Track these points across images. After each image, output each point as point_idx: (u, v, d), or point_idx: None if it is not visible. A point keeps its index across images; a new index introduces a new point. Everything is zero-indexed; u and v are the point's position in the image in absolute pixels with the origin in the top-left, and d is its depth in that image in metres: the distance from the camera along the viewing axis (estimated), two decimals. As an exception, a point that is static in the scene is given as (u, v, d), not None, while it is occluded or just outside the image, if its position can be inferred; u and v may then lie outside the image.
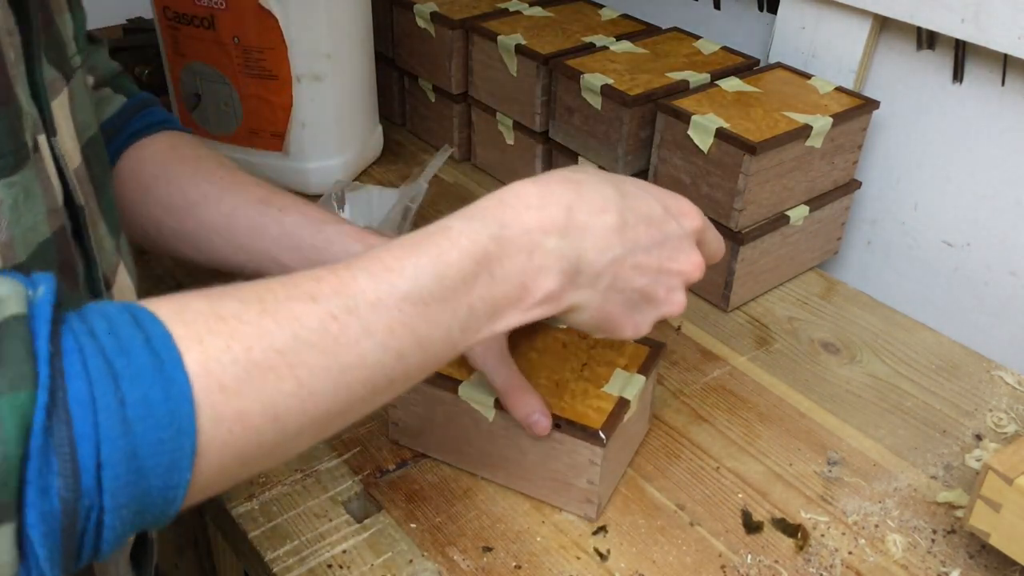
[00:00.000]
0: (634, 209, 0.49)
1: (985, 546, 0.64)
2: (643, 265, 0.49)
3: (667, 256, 0.50)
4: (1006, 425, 0.76)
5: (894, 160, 0.96)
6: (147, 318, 0.34)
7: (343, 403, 0.39)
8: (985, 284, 0.91)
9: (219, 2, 0.91)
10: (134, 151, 0.66)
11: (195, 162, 0.66)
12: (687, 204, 0.53)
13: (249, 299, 0.37)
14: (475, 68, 1.05)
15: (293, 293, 0.38)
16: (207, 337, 0.35)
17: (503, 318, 0.45)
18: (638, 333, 0.52)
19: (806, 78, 0.94)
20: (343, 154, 1.03)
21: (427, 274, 0.41)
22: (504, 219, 0.44)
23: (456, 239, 0.43)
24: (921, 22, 0.85)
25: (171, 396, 0.33)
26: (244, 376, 0.35)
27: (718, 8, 1.09)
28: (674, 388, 0.79)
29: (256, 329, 0.36)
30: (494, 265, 0.43)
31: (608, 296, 0.49)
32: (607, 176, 0.50)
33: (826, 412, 0.77)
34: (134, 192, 0.66)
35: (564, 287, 0.46)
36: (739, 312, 0.89)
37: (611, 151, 0.92)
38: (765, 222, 0.86)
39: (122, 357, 0.33)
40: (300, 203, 0.66)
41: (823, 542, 0.65)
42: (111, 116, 0.66)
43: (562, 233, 0.45)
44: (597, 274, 0.47)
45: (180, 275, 0.90)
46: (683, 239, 0.52)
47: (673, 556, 0.63)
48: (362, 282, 0.39)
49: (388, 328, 0.39)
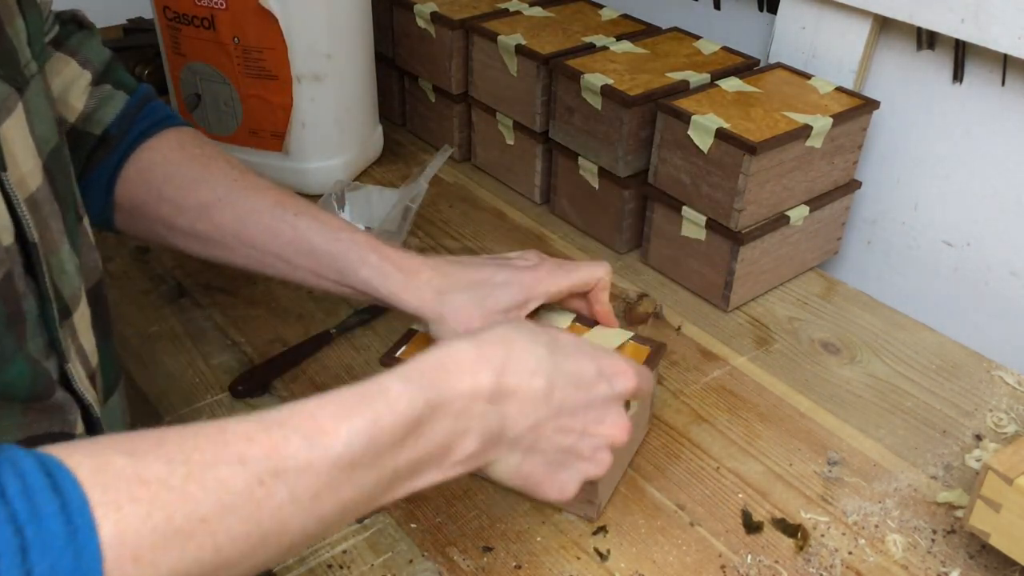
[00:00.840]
0: (564, 371, 0.50)
1: (985, 546, 0.64)
2: (567, 428, 0.50)
3: (592, 419, 0.51)
4: (1006, 425, 0.76)
5: (894, 160, 0.96)
6: (65, 481, 0.33)
7: (258, 563, 0.38)
8: (985, 284, 0.91)
9: (219, 2, 0.91)
10: (142, 152, 0.66)
11: (204, 162, 0.66)
12: (623, 363, 0.54)
13: (176, 460, 0.35)
14: (475, 68, 1.05)
15: (222, 455, 0.36)
16: (127, 505, 0.33)
17: (422, 476, 0.45)
18: (563, 493, 0.52)
19: (806, 78, 0.94)
20: (343, 154, 1.03)
21: (361, 439, 0.40)
22: (439, 384, 0.44)
23: (394, 403, 0.42)
24: (921, 22, 0.85)
25: (80, 567, 0.31)
26: (161, 545, 0.34)
27: (718, 8, 1.09)
28: (674, 388, 0.79)
29: (180, 496, 0.34)
30: (424, 428, 0.43)
31: (529, 456, 0.49)
32: (544, 335, 0.51)
33: (826, 412, 0.77)
34: (145, 194, 0.65)
35: (485, 448, 0.47)
36: (739, 312, 0.89)
37: (611, 151, 0.92)
38: (765, 222, 0.86)
39: (33, 523, 0.31)
40: (313, 208, 0.66)
41: (823, 542, 0.65)
42: (115, 118, 0.65)
43: (490, 399, 0.46)
44: (518, 436, 0.48)
45: (180, 275, 0.90)
46: (611, 401, 0.52)
47: (673, 556, 0.63)
48: (294, 445, 0.38)
49: (314, 493, 0.39)
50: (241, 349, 0.81)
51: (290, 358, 0.79)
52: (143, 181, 0.65)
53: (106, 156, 0.65)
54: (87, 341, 0.52)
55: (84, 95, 0.64)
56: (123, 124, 0.65)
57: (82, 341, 0.52)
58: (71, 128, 0.63)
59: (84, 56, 0.64)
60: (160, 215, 0.65)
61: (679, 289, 0.92)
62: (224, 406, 0.75)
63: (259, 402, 0.75)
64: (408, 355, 0.67)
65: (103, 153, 0.65)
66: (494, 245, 0.97)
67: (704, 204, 0.86)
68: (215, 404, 0.75)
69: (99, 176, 0.65)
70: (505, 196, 1.07)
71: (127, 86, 0.67)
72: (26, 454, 0.34)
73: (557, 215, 1.03)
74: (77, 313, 0.51)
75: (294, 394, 0.76)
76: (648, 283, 0.93)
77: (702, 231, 0.87)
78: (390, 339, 0.82)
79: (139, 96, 0.67)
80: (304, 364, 0.79)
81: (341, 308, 0.86)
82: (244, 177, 0.66)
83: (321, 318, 0.85)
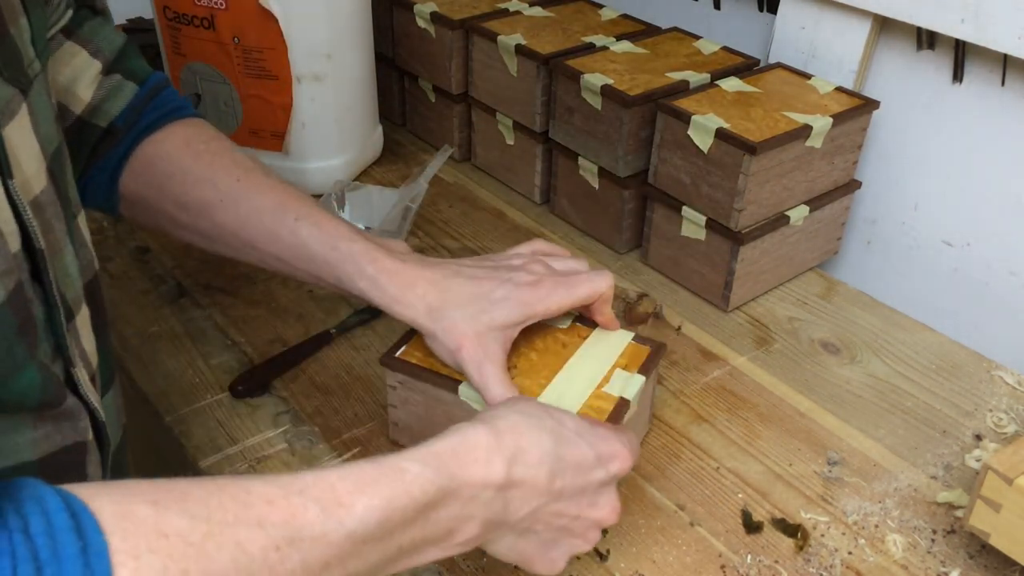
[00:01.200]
0: (566, 459, 0.52)
1: (985, 546, 0.64)
2: (563, 512, 0.52)
3: (587, 503, 0.53)
4: (1006, 425, 0.76)
5: (894, 160, 0.96)
6: (88, 524, 0.33)
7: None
8: (985, 284, 0.91)
9: (219, 2, 0.91)
10: (147, 146, 0.65)
11: (209, 159, 0.65)
12: (619, 446, 0.55)
13: (198, 515, 0.36)
14: (475, 68, 1.05)
15: (242, 516, 0.37)
16: (145, 555, 0.34)
17: (423, 554, 0.46)
18: (553, 569, 0.54)
19: (806, 78, 0.94)
20: (343, 154, 1.03)
21: (375, 516, 0.42)
22: (454, 471, 0.46)
23: (409, 486, 0.44)
24: (921, 22, 0.85)
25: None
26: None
27: (718, 8, 1.09)
28: (674, 388, 0.79)
29: (197, 552, 0.35)
30: (431, 511, 0.45)
31: (524, 536, 0.52)
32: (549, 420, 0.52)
33: (826, 412, 0.77)
34: (148, 189, 0.65)
35: (486, 532, 0.49)
36: (739, 312, 0.89)
37: (611, 151, 0.92)
38: (765, 222, 0.86)
39: (54, 564, 0.32)
40: (315, 211, 0.65)
41: (823, 542, 0.65)
42: (123, 111, 0.64)
43: (497, 489, 0.48)
44: (518, 521, 0.50)
45: (180, 275, 0.90)
46: (605, 485, 0.54)
47: (673, 556, 0.63)
48: (312, 514, 0.39)
49: (324, 563, 0.40)
50: (241, 349, 0.81)
51: (290, 358, 0.79)
52: (147, 176, 0.65)
53: (111, 148, 0.64)
54: (88, 342, 0.52)
55: (93, 86, 0.63)
56: (130, 117, 0.65)
57: (84, 343, 0.52)
58: (77, 119, 0.62)
59: (96, 45, 0.63)
60: (163, 210, 0.65)
61: (679, 289, 0.92)
62: (224, 406, 0.75)
63: (259, 402, 0.75)
64: (408, 355, 0.67)
65: (108, 145, 0.64)
66: (494, 245, 0.97)
67: (704, 204, 0.86)
68: (215, 404, 0.75)
69: (104, 167, 0.65)
70: (505, 196, 1.07)
71: (138, 76, 0.66)
72: (54, 492, 0.34)
73: (557, 215, 1.03)
74: (80, 315, 0.51)
75: (294, 394, 0.76)
76: (648, 283, 0.93)
77: (702, 231, 0.87)
78: (390, 339, 0.82)
79: (149, 86, 0.66)
80: (304, 364, 0.79)
81: (341, 308, 0.86)
82: (248, 176, 0.65)
83: (321, 318, 0.85)
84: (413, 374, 0.66)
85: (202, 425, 0.73)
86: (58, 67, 0.60)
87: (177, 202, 0.65)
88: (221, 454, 0.70)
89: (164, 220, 0.66)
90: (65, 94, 0.61)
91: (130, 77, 0.65)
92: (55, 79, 0.60)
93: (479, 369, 0.61)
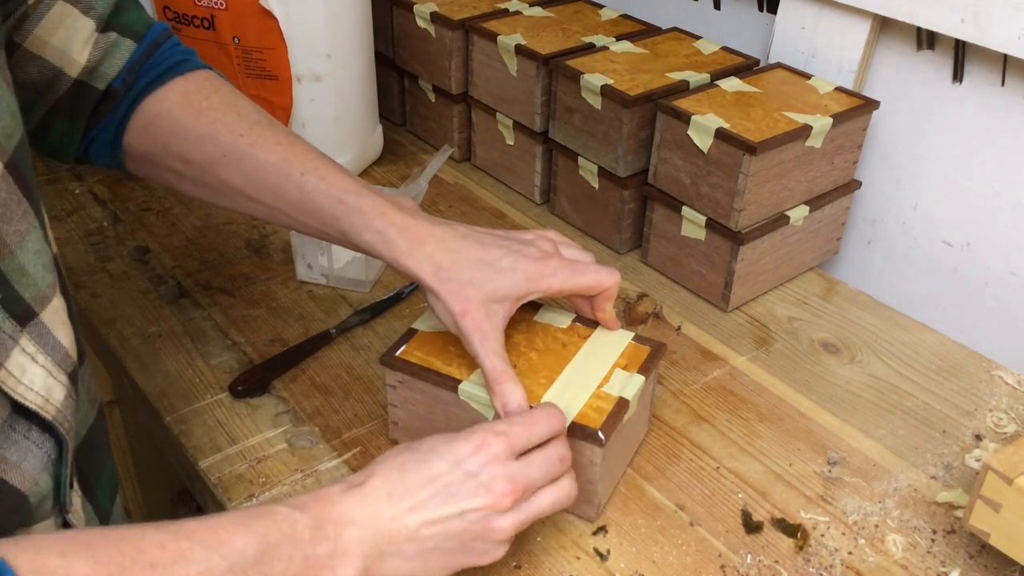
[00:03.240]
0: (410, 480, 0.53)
1: (985, 546, 0.64)
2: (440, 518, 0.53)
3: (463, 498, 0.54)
4: (1006, 425, 0.76)
5: (894, 160, 0.96)
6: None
7: None
8: (985, 284, 0.91)
9: (219, 2, 0.91)
10: (148, 105, 0.64)
11: (212, 116, 0.64)
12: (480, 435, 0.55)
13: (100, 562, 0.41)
14: (475, 68, 1.05)
15: (138, 559, 0.43)
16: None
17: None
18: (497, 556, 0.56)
19: (806, 78, 0.94)
20: (343, 154, 1.03)
21: (252, 549, 0.46)
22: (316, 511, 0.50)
23: (280, 523, 0.48)
24: (921, 22, 0.85)
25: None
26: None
27: (718, 8, 1.09)
28: (674, 388, 0.79)
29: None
30: (307, 547, 0.49)
31: (424, 557, 0.53)
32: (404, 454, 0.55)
33: (826, 412, 0.77)
34: (152, 145, 0.65)
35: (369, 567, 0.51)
36: (739, 312, 0.89)
37: (611, 151, 0.92)
38: (765, 222, 0.86)
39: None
40: (321, 164, 0.64)
41: (823, 542, 0.65)
42: (120, 71, 0.63)
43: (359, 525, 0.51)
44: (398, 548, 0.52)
45: (180, 275, 0.90)
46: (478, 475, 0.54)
47: (673, 556, 0.63)
48: (198, 553, 0.44)
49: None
50: (241, 349, 0.81)
51: (290, 358, 0.79)
52: (149, 134, 0.65)
53: (111, 110, 0.64)
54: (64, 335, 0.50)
55: (88, 46, 0.61)
56: (128, 77, 0.64)
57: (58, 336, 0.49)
58: (74, 82, 0.62)
59: (87, 3, 0.61)
60: (168, 166, 0.65)
61: (679, 289, 0.92)
62: (224, 406, 0.75)
63: (259, 402, 0.75)
64: (408, 355, 0.67)
65: (108, 107, 0.64)
66: (494, 245, 0.97)
67: (704, 204, 0.86)
68: (215, 404, 0.75)
69: (105, 128, 0.64)
70: (505, 196, 1.07)
71: (135, 31, 0.64)
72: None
73: (557, 215, 1.03)
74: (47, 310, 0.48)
75: (294, 394, 0.76)
76: (648, 283, 0.93)
77: (702, 231, 0.87)
78: (390, 339, 0.82)
79: (147, 42, 0.64)
80: (304, 364, 0.79)
81: (341, 308, 0.86)
82: (252, 131, 0.64)
83: (321, 318, 0.85)
84: (413, 374, 0.66)
85: (202, 425, 0.73)
86: (51, 29, 0.59)
87: (181, 159, 0.64)
88: (221, 454, 0.70)
89: (170, 175, 0.66)
90: (61, 57, 0.60)
91: (127, 34, 0.63)
92: (49, 42, 0.59)
93: (482, 338, 0.61)
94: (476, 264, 0.62)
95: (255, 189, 0.64)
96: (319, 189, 0.63)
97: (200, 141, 0.64)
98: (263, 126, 0.65)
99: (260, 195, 0.64)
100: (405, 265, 0.62)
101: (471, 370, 0.65)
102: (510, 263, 0.62)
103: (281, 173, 0.63)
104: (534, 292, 0.63)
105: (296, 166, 0.63)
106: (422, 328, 0.69)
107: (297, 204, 0.64)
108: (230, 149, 0.64)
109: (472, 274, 0.62)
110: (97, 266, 0.91)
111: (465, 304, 0.61)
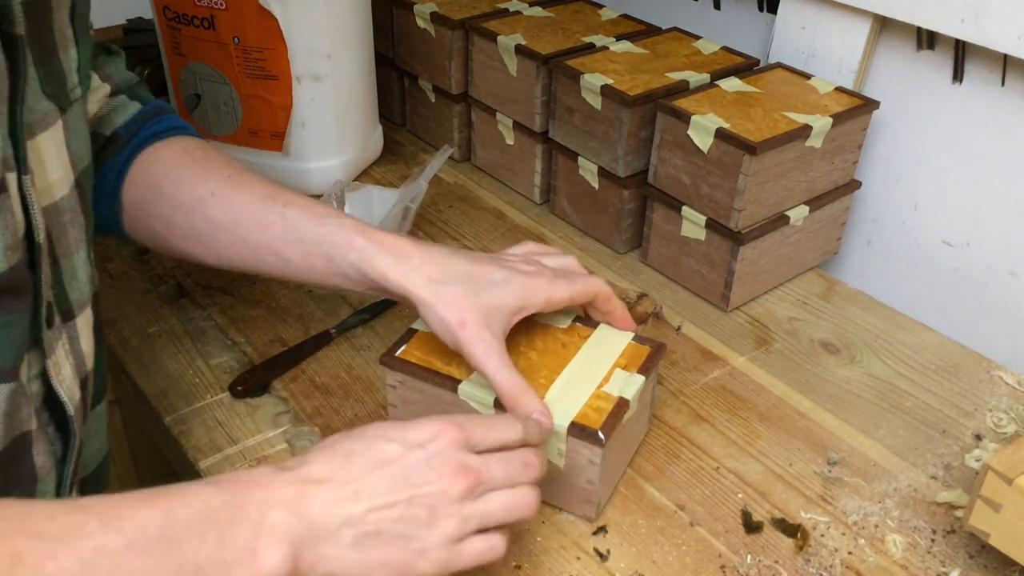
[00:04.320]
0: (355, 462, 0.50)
1: (985, 546, 0.64)
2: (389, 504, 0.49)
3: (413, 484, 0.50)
4: (1006, 425, 0.76)
5: (894, 160, 0.96)
6: None
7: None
8: (985, 284, 0.91)
9: (219, 2, 0.91)
10: (147, 154, 0.67)
11: (204, 162, 0.67)
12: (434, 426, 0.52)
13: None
14: (475, 68, 1.05)
15: (22, 529, 0.39)
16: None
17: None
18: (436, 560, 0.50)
19: (806, 78, 0.94)
20: (343, 154, 1.03)
21: (154, 526, 0.42)
22: (234, 489, 0.46)
23: (189, 498, 0.44)
24: (921, 22, 0.85)
25: None
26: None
27: (718, 8, 1.09)
28: (674, 388, 0.79)
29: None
30: (222, 528, 0.44)
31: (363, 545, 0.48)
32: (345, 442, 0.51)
33: (826, 412, 0.77)
34: (145, 192, 0.67)
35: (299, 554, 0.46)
36: (739, 312, 0.89)
37: (611, 151, 0.92)
38: (765, 222, 0.86)
39: None
40: (304, 199, 0.66)
41: (823, 542, 0.65)
42: (125, 122, 0.67)
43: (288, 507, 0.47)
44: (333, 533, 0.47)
45: (179, 275, 0.90)
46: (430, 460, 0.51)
47: (673, 556, 0.63)
48: (92, 526, 0.40)
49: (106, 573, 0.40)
50: (241, 349, 0.81)
51: (290, 358, 0.79)
52: (145, 180, 0.67)
53: (114, 156, 0.67)
54: (87, 344, 0.54)
55: (99, 103, 0.67)
56: (132, 126, 0.68)
57: (83, 344, 0.54)
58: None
59: (107, 73, 0.68)
60: (159, 212, 0.67)
61: (679, 289, 0.92)
62: (224, 406, 0.75)
63: (259, 402, 0.75)
64: (408, 355, 0.67)
65: (111, 153, 0.67)
66: (494, 245, 0.97)
67: (704, 204, 0.86)
68: (215, 404, 0.75)
69: (106, 176, 0.67)
70: (505, 196, 1.07)
71: (142, 99, 0.70)
72: None
73: (557, 215, 1.03)
74: (82, 316, 0.54)
75: (294, 394, 0.76)
76: (648, 283, 0.93)
77: (702, 231, 0.87)
78: (390, 339, 0.82)
79: (152, 107, 0.70)
80: (304, 364, 0.79)
81: (341, 308, 0.86)
82: (240, 175, 0.67)
83: (321, 318, 0.85)
84: (413, 374, 0.66)
85: (202, 425, 0.73)
86: None
87: (172, 202, 0.66)
88: (221, 454, 0.70)
89: (159, 225, 0.67)
90: None
91: (135, 98, 0.69)
92: None
93: (486, 350, 0.60)
94: (466, 277, 0.62)
95: (242, 226, 0.65)
96: (301, 216, 0.64)
97: (191, 182, 0.66)
98: (250, 172, 0.68)
99: (246, 232, 0.65)
100: (393, 280, 0.61)
101: (471, 370, 0.65)
102: (502, 276, 0.62)
103: (264, 206, 0.65)
104: (530, 306, 0.63)
105: (279, 199, 0.65)
106: (422, 328, 0.69)
107: (281, 235, 0.64)
108: (218, 188, 0.66)
109: (464, 285, 0.61)
110: (97, 266, 0.91)
111: (462, 314, 0.60)
